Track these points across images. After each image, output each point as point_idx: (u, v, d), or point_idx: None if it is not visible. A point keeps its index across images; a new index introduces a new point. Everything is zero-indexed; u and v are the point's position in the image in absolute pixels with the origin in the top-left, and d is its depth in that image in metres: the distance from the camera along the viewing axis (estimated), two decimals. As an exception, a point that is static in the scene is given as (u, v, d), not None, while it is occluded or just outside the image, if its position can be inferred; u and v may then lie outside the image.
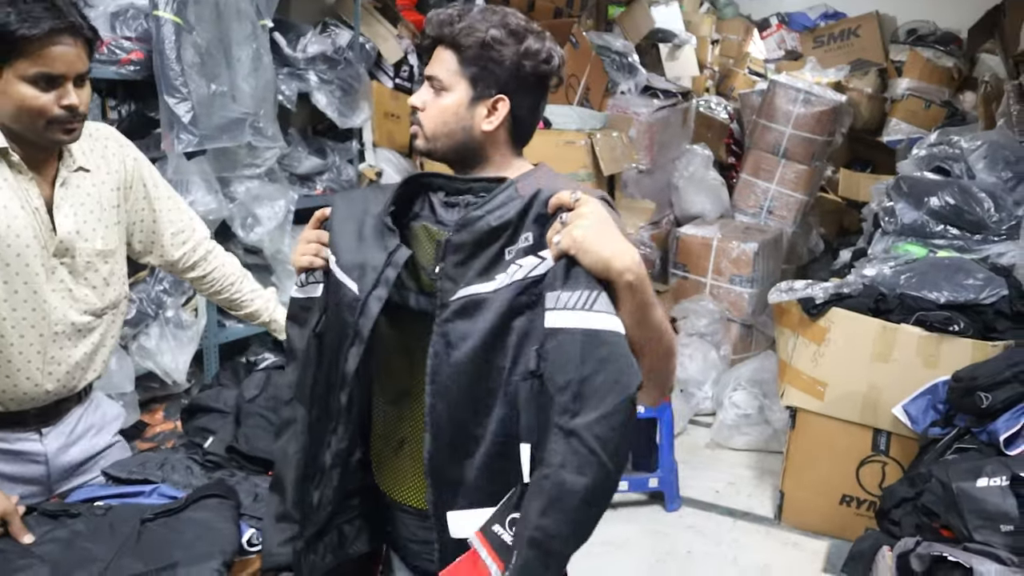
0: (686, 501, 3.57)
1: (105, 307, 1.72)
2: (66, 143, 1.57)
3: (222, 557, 1.39)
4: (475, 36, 1.32)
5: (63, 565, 1.36)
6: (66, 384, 1.68)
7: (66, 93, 1.49)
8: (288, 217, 3.19)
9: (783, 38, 7.54)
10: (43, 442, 1.68)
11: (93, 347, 1.71)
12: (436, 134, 1.37)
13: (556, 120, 3.67)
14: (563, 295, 1.11)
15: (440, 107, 1.36)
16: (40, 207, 1.58)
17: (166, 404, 3.03)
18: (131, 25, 2.68)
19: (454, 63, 1.34)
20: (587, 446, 1.07)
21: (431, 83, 1.37)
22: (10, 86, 1.46)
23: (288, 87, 3.26)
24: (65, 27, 1.45)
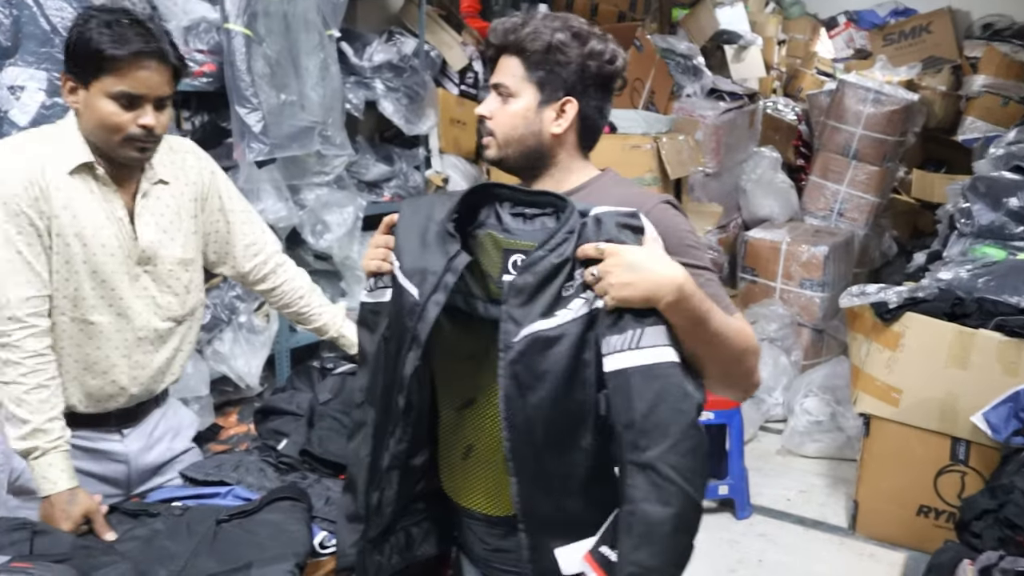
0: (757, 509, 3.50)
1: (185, 314, 1.78)
2: (137, 161, 1.63)
3: (295, 559, 1.40)
4: (540, 40, 1.33)
5: (143, 562, 1.40)
6: (148, 388, 1.74)
7: (144, 114, 1.55)
8: (356, 224, 3.24)
9: (852, 36, 7.36)
10: (124, 443, 1.74)
11: (173, 352, 1.77)
12: (508, 141, 1.39)
13: (621, 124, 3.65)
14: (612, 339, 1.15)
15: (509, 113, 1.37)
16: (123, 217, 1.64)
17: (240, 407, 3.09)
18: (203, 38, 2.75)
19: (520, 69, 1.36)
20: (664, 476, 1.11)
21: (498, 91, 1.38)
22: (95, 100, 1.53)
23: (355, 95, 3.31)
24: (152, 51, 1.52)
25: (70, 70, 1.56)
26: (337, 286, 3.41)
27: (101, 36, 1.49)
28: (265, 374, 3.02)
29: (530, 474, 1.22)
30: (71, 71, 1.55)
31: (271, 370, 3.12)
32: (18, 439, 1.48)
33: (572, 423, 1.20)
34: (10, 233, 1.52)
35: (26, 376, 1.50)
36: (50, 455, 1.50)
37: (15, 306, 1.51)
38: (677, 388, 1.13)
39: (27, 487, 1.65)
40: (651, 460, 1.11)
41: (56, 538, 1.40)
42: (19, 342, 1.51)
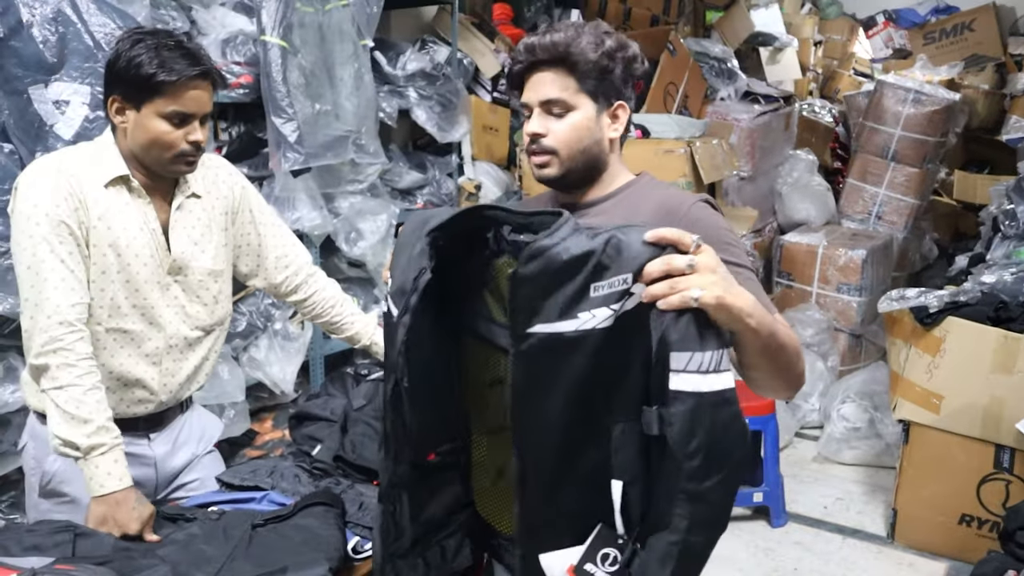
0: (793, 517, 3.45)
1: (214, 323, 1.83)
2: (184, 174, 1.71)
3: (329, 563, 1.42)
4: (590, 50, 1.37)
5: (181, 565, 1.42)
6: (175, 394, 1.80)
7: (193, 130, 1.64)
8: (390, 231, 3.27)
9: (890, 36, 7.26)
10: (151, 446, 1.79)
11: (201, 360, 1.82)
12: (573, 155, 1.40)
13: (655, 129, 3.63)
14: (696, 357, 1.04)
15: (572, 126, 1.39)
16: (156, 228, 1.70)
17: (275, 413, 3.14)
18: (240, 50, 2.80)
19: (571, 82, 1.38)
20: (714, 509, 1.08)
21: (549, 107, 1.39)
22: (147, 120, 1.61)
23: (389, 104, 3.34)
24: (200, 73, 1.61)
25: (118, 92, 1.62)
26: (371, 293, 3.44)
27: (152, 62, 1.57)
28: (299, 380, 3.06)
29: (530, 471, 1.15)
30: (119, 93, 1.62)
31: (305, 376, 3.16)
32: (83, 436, 1.51)
33: (580, 432, 1.13)
34: (53, 243, 1.57)
35: (81, 378, 1.55)
36: (115, 452, 1.54)
37: (64, 311, 1.56)
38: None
39: (58, 490, 1.71)
40: (705, 492, 1.06)
41: (98, 540, 1.43)
42: (71, 345, 1.56)
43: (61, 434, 1.53)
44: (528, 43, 1.40)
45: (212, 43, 2.78)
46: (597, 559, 1.14)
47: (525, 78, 1.42)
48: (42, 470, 1.72)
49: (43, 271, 1.56)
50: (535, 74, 1.40)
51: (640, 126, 3.62)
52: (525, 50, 1.41)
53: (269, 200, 2.87)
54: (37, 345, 1.56)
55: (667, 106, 4.32)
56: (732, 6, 5.68)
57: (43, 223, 1.56)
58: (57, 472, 1.70)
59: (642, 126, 3.63)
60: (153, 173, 1.68)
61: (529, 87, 1.41)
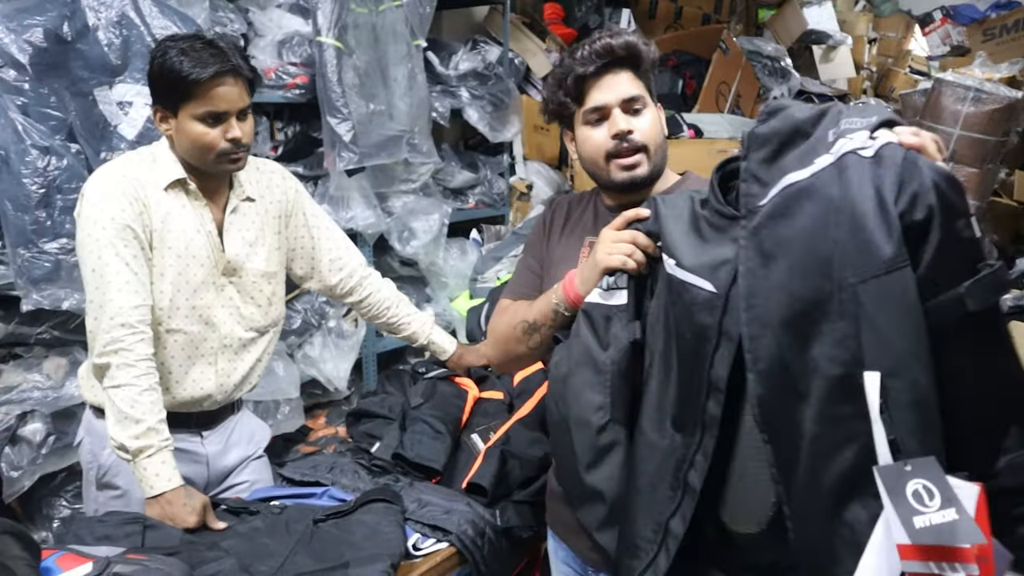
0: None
1: (267, 325, 1.86)
2: (232, 171, 1.73)
3: (390, 560, 1.43)
4: (651, 52, 1.43)
5: (246, 558, 1.44)
6: (229, 395, 1.83)
7: (230, 128, 1.65)
8: (442, 230, 3.29)
9: (948, 33, 7.09)
10: (204, 444, 1.83)
11: (254, 361, 1.86)
12: (657, 149, 1.44)
13: (707, 129, 3.60)
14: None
15: (653, 121, 1.44)
16: (212, 230, 1.73)
17: (328, 410, 3.17)
18: (296, 51, 2.84)
19: (638, 81, 1.43)
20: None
21: (630, 105, 1.42)
22: (185, 125, 1.64)
23: (441, 104, 3.36)
24: (227, 70, 1.62)
25: (157, 101, 1.66)
26: (422, 291, 3.46)
27: (181, 63, 1.59)
28: (352, 378, 3.09)
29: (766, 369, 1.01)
30: (159, 102, 1.66)
31: (358, 374, 3.19)
32: (131, 438, 1.54)
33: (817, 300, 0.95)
34: (119, 246, 1.61)
35: (139, 379, 1.58)
36: (162, 453, 1.57)
37: (126, 313, 1.59)
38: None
39: (112, 483, 1.75)
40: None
41: (166, 532, 1.46)
42: (131, 347, 1.59)
43: (114, 435, 1.56)
44: (603, 44, 1.41)
45: (268, 44, 2.82)
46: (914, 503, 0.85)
47: (591, 82, 1.42)
48: (98, 463, 1.77)
49: (107, 274, 1.60)
50: (607, 76, 1.42)
51: (693, 126, 3.59)
52: (599, 52, 1.41)
53: (323, 199, 2.90)
54: (100, 345, 1.60)
55: (719, 106, 4.28)
56: (785, 4, 5.59)
57: (109, 227, 1.60)
58: (111, 465, 1.74)
59: (695, 126, 3.59)
60: (206, 175, 1.72)
61: (602, 88, 1.42)
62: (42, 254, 2.10)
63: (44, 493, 2.31)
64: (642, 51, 1.42)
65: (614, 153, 1.42)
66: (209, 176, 1.72)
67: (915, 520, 0.83)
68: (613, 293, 1.26)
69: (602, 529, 1.28)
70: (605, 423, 1.25)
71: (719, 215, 1.13)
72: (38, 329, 2.25)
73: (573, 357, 1.28)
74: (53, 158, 2.11)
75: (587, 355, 1.26)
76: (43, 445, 2.22)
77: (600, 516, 1.28)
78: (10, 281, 2.12)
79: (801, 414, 0.98)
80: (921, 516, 0.83)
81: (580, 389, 1.26)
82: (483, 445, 1.85)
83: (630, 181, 1.43)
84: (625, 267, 1.25)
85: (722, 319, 1.09)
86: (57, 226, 2.12)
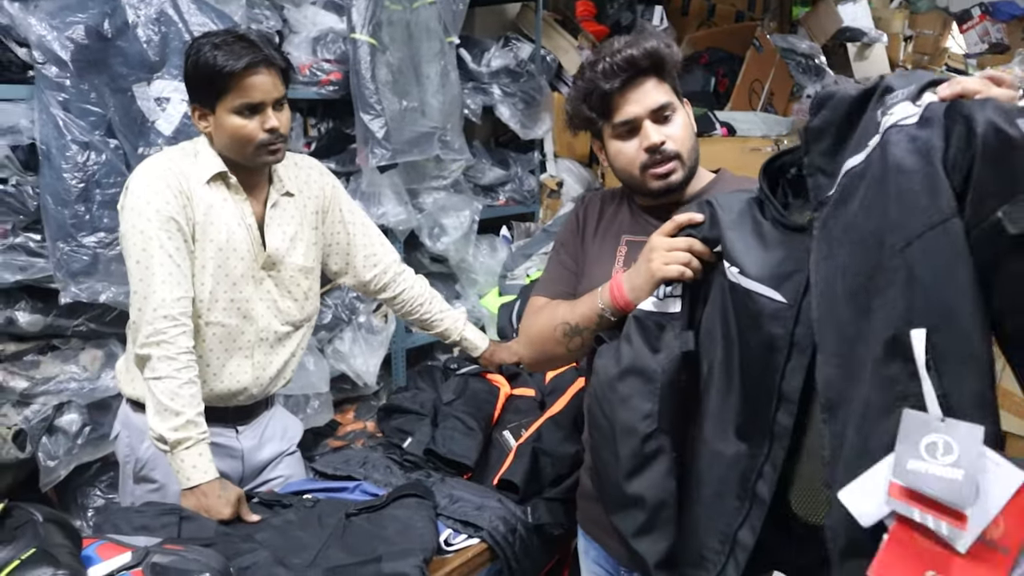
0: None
1: (303, 319, 1.87)
2: (272, 163, 1.74)
3: (422, 554, 1.44)
4: (674, 54, 1.42)
5: (279, 550, 1.46)
6: (265, 389, 1.84)
7: (267, 118, 1.66)
8: (472, 227, 3.30)
9: (987, 30, 6.97)
10: (239, 439, 1.84)
11: (289, 355, 1.87)
12: (690, 155, 1.43)
13: (740, 127, 3.57)
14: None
15: (683, 126, 1.42)
16: (252, 224, 1.75)
17: (357, 405, 3.19)
18: (330, 48, 2.85)
19: (665, 86, 1.42)
20: None
21: (660, 114, 1.40)
22: (223, 120, 1.65)
23: (473, 101, 3.36)
24: (260, 60, 1.63)
25: (195, 99, 1.68)
26: (452, 288, 3.47)
27: (215, 58, 1.60)
28: (381, 373, 3.10)
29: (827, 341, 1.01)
30: (196, 100, 1.68)
31: (387, 369, 3.21)
32: (171, 430, 1.56)
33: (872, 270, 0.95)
34: (162, 238, 1.62)
35: (180, 371, 1.59)
36: (200, 446, 1.58)
37: (169, 305, 1.61)
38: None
39: (149, 476, 1.77)
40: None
41: (201, 524, 1.48)
42: (173, 339, 1.61)
43: (154, 426, 1.58)
44: (626, 57, 1.37)
45: (303, 41, 2.84)
46: (922, 451, 0.87)
47: (617, 96, 1.39)
48: (135, 457, 1.79)
49: (152, 266, 1.62)
50: (633, 87, 1.39)
51: (726, 124, 3.56)
52: (622, 66, 1.37)
53: (356, 195, 2.92)
54: (142, 336, 1.61)
55: (752, 104, 4.24)
56: (819, 1, 5.54)
57: (154, 219, 1.62)
58: (149, 459, 1.77)
59: (728, 124, 3.57)
60: (246, 170, 1.73)
61: (629, 101, 1.39)
62: (80, 248, 2.13)
63: (79, 483, 2.35)
64: (664, 55, 1.39)
65: (648, 164, 1.41)
66: (249, 171, 1.73)
67: (909, 462, 0.84)
68: (667, 302, 1.24)
69: (639, 536, 1.26)
70: (652, 431, 1.23)
71: (783, 226, 1.13)
72: (75, 322, 2.28)
73: (622, 363, 1.26)
74: (92, 153, 2.14)
75: (637, 362, 1.24)
76: (79, 436, 2.25)
77: (638, 523, 1.26)
78: (49, 274, 2.15)
79: (859, 389, 0.97)
80: (919, 462, 0.84)
81: (628, 396, 1.24)
82: (515, 442, 1.86)
83: (666, 188, 1.42)
84: (683, 277, 1.22)
85: (794, 330, 1.08)
86: (95, 220, 2.15)
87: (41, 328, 2.25)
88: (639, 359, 1.24)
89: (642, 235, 1.40)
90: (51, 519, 1.21)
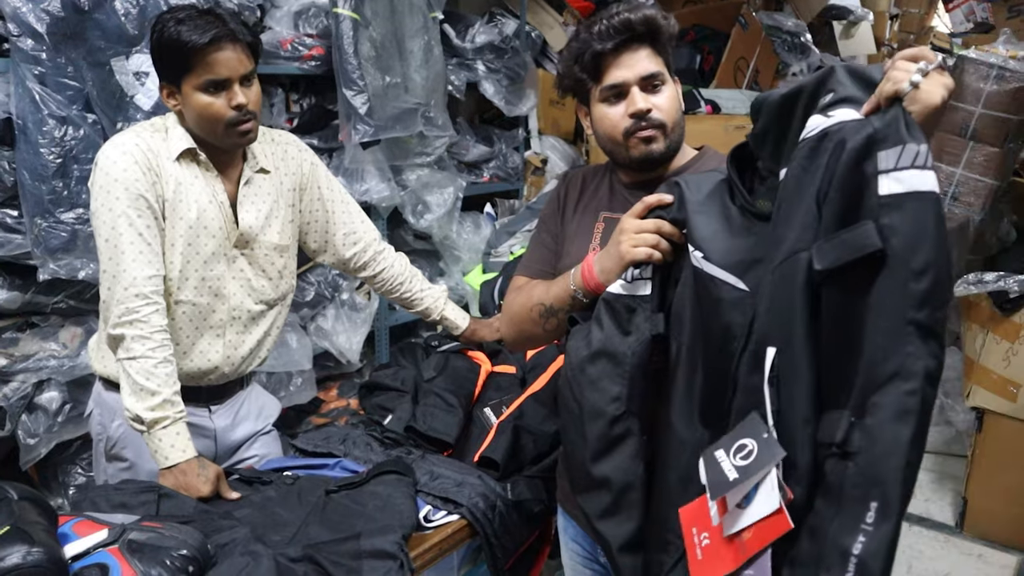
0: (857, 502, 3.40)
1: (277, 298, 1.86)
2: (243, 145, 1.71)
3: (401, 531, 1.44)
4: (670, 27, 1.41)
5: (258, 527, 1.46)
6: (237, 368, 1.83)
7: (234, 95, 1.63)
8: (456, 204, 3.28)
9: (972, 9, 6.96)
10: (212, 419, 1.83)
11: (263, 334, 1.85)
12: (675, 126, 1.42)
13: (725, 104, 3.57)
14: (909, 149, 0.89)
15: (671, 98, 1.42)
16: (224, 202, 1.73)
17: (340, 382, 3.19)
18: (312, 23, 2.82)
19: (656, 57, 1.41)
20: (940, 345, 0.88)
21: (649, 83, 1.39)
22: (189, 98, 1.63)
23: (457, 77, 3.34)
24: (224, 34, 1.59)
25: (163, 77, 1.65)
26: (436, 265, 3.46)
27: (179, 33, 1.57)
28: (365, 351, 3.10)
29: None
30: (164, 77, 1.65)
31: (370, 347, 3.20)
32: (147, 410, 1.55)
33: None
34: (132, 216, 1.60)
35: (154, 350, 1.58)
36: (177, 425, 1.58)
37: (140, 284, 1.60)
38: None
39: (121, 455, 1.77)
40: (937, 322, 0.88)
41: (180, 501, 1.48)
42: (146, 318, 1.59)
43: (129, 407, 1.57)
44: (622, 20, 1.37)
45: (285, 15, 2.80)
46: (732, 450, 0.99)
47: (609, 59, 1.39)
48: (107, 435, 1.78)
49: (121, 244, 1.60)
50: (625, 52, 1.39)
51: (710, 101, 3.55)
52: (618, 28, 1.38)
53: (338, 172, 2.90)
54: (114, 316, 1.60)
55: (737, 81, 4.23)
56: (806, -22, 5.52)
57: (122, 197, 1.60)
58: (119, 438, 1.76)
59: (712, 101, 3.56)
60: (216, 148, 1.70)
61: (620, 66, 1.39)
62: (59, 224, 2.12)
63: (59, 460, 2.34)
64: (661, 25, 1.39)
65: (632, 131, 1.40)
66: (219, 149, 1.71)
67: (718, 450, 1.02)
68: (637, 284, 1.24)
69: (603, 518, 1.27)
70: (620, 414, 1.23)
71: (750, 213, 1.14)
72: (54, 298, 2.27)
73: (592, 345, 1.26)
74: (70, 128, 2.12)
75: (607, 345, 1.24)
76: (59, 413, 2.25)
77: (603, 505, 1.26)
78: (27, 250, 2.14)
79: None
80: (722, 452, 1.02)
81: (597, 378, 1.24)
82: (495, 419, 1.86)
83: (647, 156, 1.41)
84: (652, 259, 1.22)
85: (753, 320, 1.07)
86: (74, 196, 2.13)
87: (20, 305, 2.23)
88: (609, 342, 1.24)
89: (620, 212, 1.39)
90: (25, 496, 1.20)
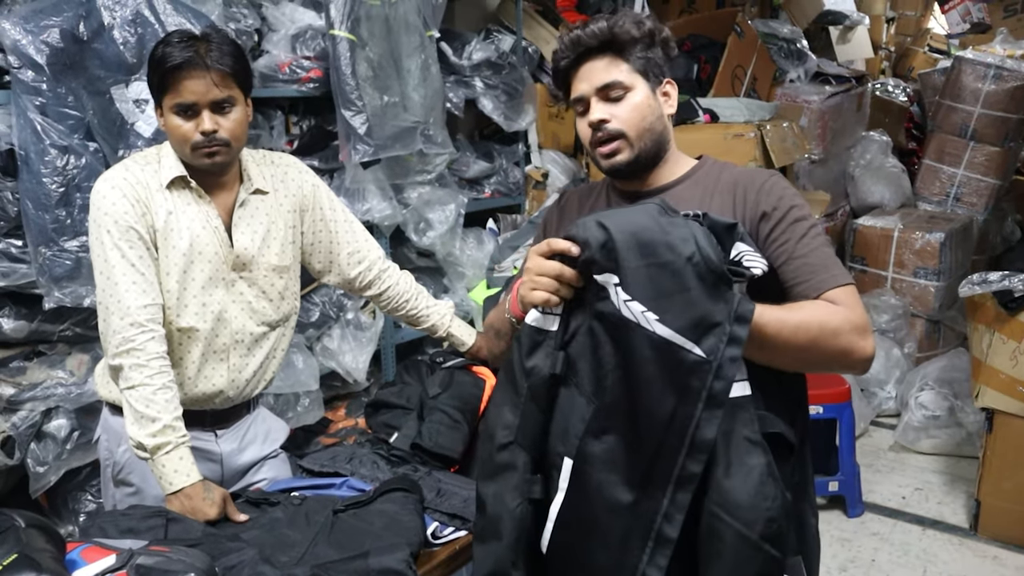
0: (869, 507, 3.38)
1: (279, 319, 1.86)
2: (209, 167, 1.70)
3: (409, 548, 1.44)
4: (632, 30, 1.39)
5: (267, 549, 1.46)
6: (243, 391, 1.83)
7: (200, 121, 1.64)
8: (458, 221, 3.29)
9: (968, 10, 6.99)
10: (218, 443, 1.83)
11: (267, 356, 1.85)
12: (641, 134, 1.40)
13: (723, 113, 3.58)
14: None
15: (633, 106, 1.39)
16: (219, 226, 1.74)
17: (348, 402, 3.19)
18: (310, 45, 2.85)
19: (622, 64, 1.40)
20: None
21: (607, 93, 1.39)
22: (167, 119, 1.66)
23: (455, 94, 3.36)
24: (194, 61, 1.61)
25: (153, 96, 1.68)
26: (440, 282, 3.47)
27: (161, 56, 1.61)
28: (371, 369, 3.11)
29: None
30: (153, 97, 1.68)
31: (377, 365, 3.21)
32: (148, 436, 1.56)
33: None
34: (124, 248, 1.62)
35: (152, 377, 1.59)
36: (180, 450, 1.58)
37: (135, 313, 1.61)
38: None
39: (127, 480, 1.77)
40: None
41: (187, 525, 1.48)
42: (142, 346, 1.60)
43: (132, 435, 1.57)
44: (573, 37, 1.40)
45: (282, 39, 2.83)
46: None
47: (572, 74, 1.41)
48: (113, 460, 1.79)
49: (114, 275, 1.61)
50: (584, 66, 1.40)
51: (708, 110, 3.56)
52: (570, 44, 1.40)
53: (339, 192, 2.91)
54: (112, 347, 1.61)
55: (735, 89, 4.25)
56: (800, -15, 5.54)
57: (113, 230, 1.62)
58: (125, 463, 1.76)
59: (710, 110, 3.57)
60: (208, 172, 1.71)
61: (580, 79, 1.40)
62: (63, 252, 2.13)
63: (69, 488, 2.35)
64: (618, 33, 1.37)
65: (594, 143, 1.41)
66: (210, 172, 1.72)
67: None
68: (548, 319, 1.21)
69: (476, 540, 1.26)
70: (507, 443, 1.22)
71: (711, 272, 1.10)
72: (60, 326, 2.28)
73: (506, 369, 1.26)
74: (72, 157, 2.14)
75: (511, 373, 1.24)
76: (68, 441, 2.25)
77: (478, 526, 1.27)
78: (32, 279, 2.15)
79: None
80: None
81: (500, 402, 1.25)
82: (501, 434, 1.86)
83: (612, 168, 1.42)
84: (548, 304, 1.19)
85: (713, 383, 1.08)
86: (77, 224, 2.14)
87: (26, 334, 2.25)
88: (515, 371, 1.23)
89: None
90: (33, 524, 1.21)
